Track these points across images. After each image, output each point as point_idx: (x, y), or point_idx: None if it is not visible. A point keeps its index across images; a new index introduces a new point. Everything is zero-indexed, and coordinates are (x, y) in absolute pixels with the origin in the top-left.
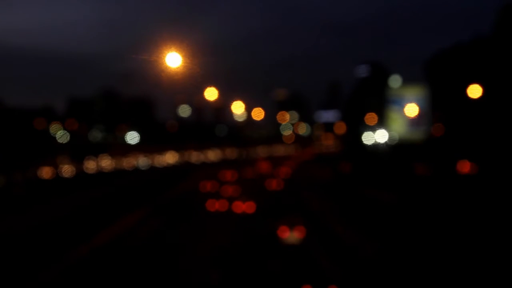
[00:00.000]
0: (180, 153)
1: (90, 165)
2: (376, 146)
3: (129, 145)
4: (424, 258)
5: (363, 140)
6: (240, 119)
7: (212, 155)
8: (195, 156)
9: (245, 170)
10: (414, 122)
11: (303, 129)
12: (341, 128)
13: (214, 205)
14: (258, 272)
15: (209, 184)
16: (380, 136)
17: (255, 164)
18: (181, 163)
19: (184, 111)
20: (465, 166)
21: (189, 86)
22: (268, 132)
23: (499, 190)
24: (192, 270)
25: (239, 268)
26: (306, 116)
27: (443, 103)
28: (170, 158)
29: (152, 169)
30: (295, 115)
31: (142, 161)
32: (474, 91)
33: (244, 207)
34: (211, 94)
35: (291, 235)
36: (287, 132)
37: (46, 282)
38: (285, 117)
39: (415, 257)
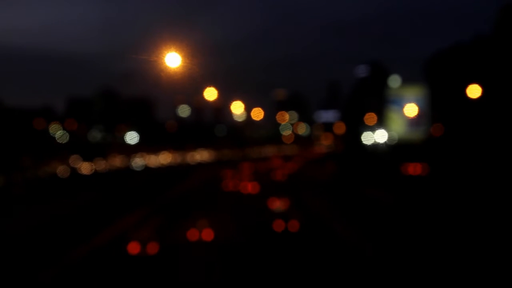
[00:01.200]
0: (180, 153)
1: (85, 166)
2: (375, 146)
3: (129, 145)
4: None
5: (362, 140)
6: (240, 119)
7: (212, 155)
8: (195, 156)
9: (258, 164)
10: (413, 122)
11: (303, 129)
12: (340, 128)
13: (228, 187)
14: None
15: (229, 172)
16: (379, 136)
17: (268, 160)
18: (182, 163)
19: (184, 111)
20: (416, 168)
21: (189, 86)
22: (268, 132)
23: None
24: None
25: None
26: (305, 116)
27: (442, 103)
28: (171, 158)
29: (167, 168)
30: (295, 115)
31: (139, 162)
32: (474, 91)
33: (250, 189)
34: (210, 94)
35: (278, 206)
36: (286, 132)
37: (46, 283)
38: (285, 117)
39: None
